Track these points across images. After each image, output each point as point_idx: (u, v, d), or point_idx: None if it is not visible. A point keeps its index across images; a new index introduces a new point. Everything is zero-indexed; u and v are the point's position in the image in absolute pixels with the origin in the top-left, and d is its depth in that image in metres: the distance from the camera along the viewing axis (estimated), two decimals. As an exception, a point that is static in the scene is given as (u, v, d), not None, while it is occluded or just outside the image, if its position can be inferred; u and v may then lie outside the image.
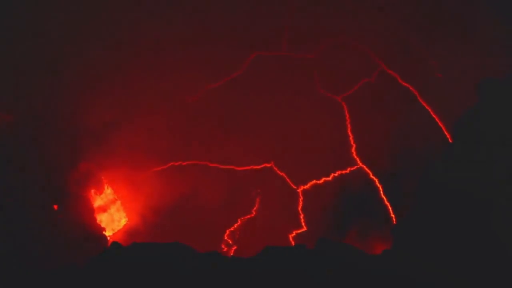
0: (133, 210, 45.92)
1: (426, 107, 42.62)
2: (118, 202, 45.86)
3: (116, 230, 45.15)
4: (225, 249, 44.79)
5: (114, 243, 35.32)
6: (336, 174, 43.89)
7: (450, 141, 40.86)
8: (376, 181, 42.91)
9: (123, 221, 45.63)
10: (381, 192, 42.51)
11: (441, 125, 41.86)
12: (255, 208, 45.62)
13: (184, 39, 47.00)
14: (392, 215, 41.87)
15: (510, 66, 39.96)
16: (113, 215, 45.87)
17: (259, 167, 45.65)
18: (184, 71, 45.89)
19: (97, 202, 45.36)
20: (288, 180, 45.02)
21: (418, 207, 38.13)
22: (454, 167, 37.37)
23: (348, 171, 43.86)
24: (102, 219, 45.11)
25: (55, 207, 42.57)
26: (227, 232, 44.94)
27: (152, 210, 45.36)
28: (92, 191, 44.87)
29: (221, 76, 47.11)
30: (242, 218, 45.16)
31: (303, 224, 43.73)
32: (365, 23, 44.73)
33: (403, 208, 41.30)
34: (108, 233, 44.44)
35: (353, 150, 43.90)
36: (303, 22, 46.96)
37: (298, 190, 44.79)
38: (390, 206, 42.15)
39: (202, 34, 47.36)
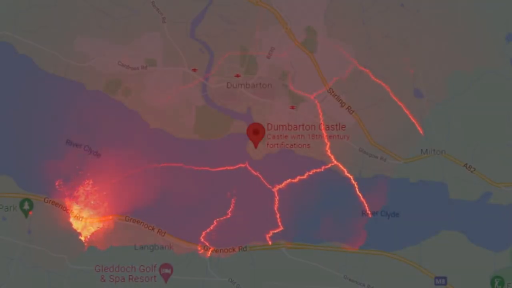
0: (107, 213, 45.58)
1: (399, 103, 43.05)
2: (92, 206, 45.52)
3: (91, 234, 44.78)
4: (202, 251, 44.62)
5: (91, 248, 35.07)
6: (311, 173, 43.99)
7: (422, 135, 41.40)
8: (351, 178, 43.16)
9: (98, 225, 45.27)
10: (357, 190, 42.73)
11: (413, 120, 42.30)
12: (230, 209, 45.49)
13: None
14: (368, 211, 42.14)
15: (481, 61, 40.64)
16: (88, 219, 45.51)
17: (233, 167, 45.55)
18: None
19: (72, 206, 44.97)
20: (263, 180, 44.98)
21: (392, 202, 38.64)
22: (426, 161, 37.95)
23: (322, 169, 43.99)
24: (77, 223, 44.73)
25: (30, 213, 42.19)
26: (203, 234, 44.75)
27: (127, 213, 45.07)
28: (66, 194, 44.49)
29: (193, 77, 46.99)
30: (218, 219, 44.99)
31: (279, 223, 43.74)
32: (336, 20, 45.01)
33: (378, 204, 41.68)
34: (83, 237, 44.07)
35: (327, 148, 44.07)
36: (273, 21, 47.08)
37: (273, 190, 44.75)
38: (366, 203, 42.42)
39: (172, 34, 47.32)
